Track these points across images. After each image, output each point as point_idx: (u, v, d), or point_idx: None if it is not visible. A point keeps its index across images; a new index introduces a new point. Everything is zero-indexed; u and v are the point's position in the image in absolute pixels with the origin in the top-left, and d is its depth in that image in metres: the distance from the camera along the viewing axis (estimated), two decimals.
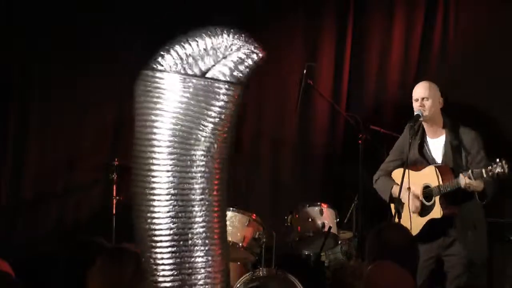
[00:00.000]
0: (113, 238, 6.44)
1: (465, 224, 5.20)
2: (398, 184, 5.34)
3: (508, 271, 6.00)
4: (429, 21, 6.91)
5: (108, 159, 6.76)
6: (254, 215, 6.06)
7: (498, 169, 4.91)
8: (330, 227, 5.96)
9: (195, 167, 4.47)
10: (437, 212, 5.20)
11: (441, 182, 5.16)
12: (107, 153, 6.96)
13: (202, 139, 4.47)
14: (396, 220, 5.13)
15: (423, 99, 5.30)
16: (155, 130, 4.47)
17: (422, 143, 5.37)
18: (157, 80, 4.50)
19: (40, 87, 6.94)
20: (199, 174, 4.48)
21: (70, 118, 6.96)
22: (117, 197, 6.53)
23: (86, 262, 3.78)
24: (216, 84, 4.50)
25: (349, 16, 7.12)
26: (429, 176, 5.24)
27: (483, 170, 4.95)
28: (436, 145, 5.36)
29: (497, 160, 4.93)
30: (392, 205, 5.49)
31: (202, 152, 4.47)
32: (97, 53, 6.91)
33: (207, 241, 4.42)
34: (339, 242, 6.18)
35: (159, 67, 4.52)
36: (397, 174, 5.48)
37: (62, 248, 6.67)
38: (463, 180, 5.01)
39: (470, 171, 5.00)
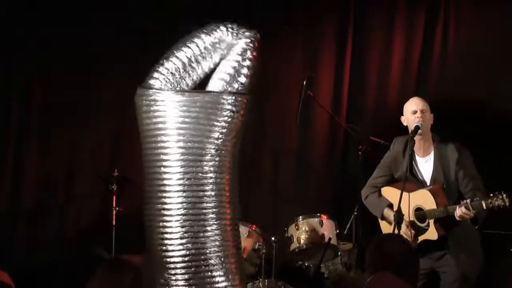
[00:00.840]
0: (112, 249, 6.43)
1: (458, 237, 5.19)
2: (389, 207, 5.36)
3: (508, 284, 5.98)
4: (428, 34, 6.92)
5: (107, 170, 6.76)
6: (254, 226, 6.06)
7: (499, 202, 4.88)
8: (330, 238, 5.96)
9: (206, 186, 4.49)
10: (432, 234, 5.19)
11: (436, 207, 5.15)
12: (107, 164, 6.96)
13: (213, 152, 4.48)
14: (396, 232, 5.11)
15: (422, 111, 5.30)
16: (164, 151, 4.50)
17: (411, 162, 5.34)
18: (158, 100, 4.53)
19: (40, 98, 6.95)
20: (210, 192, 4.50)
21: (69, 129, 6.97)
22: (117, 208, 6.53)
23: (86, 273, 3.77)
24: (223, 96, 4.51)
25: (349, 27, 7.13)
26: (422, 199, 5.22)
27: (483, 203, 4.92)
28: (426, 163, 5.35)
29: (497, 192, 4.90)
30: (382, 222, 5.50)
31: (212, 169, 4.49)
32: (97, 65, 6.92)
33: (222, 259, 4.43)
34: (339, 253, 6.17)
35: (158, 85, 4.54)
36: (386, 193, 5.49)
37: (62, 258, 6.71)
38: (459, 211, 4.99)
39: (468, 201, 4.97)
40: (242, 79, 4.59)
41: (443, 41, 6.88)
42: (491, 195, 4.92)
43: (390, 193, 5.45)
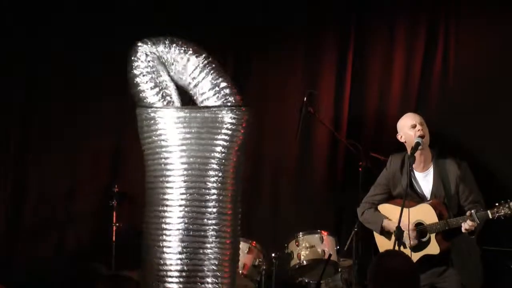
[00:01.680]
0: (112, 265, 6.42)
1: (459, 252, 5.17)
2: (388, 218, 5.35)
3: None
4: (429, 52, 6.94)
5: (107, 186, 6.76)
6: (254, 242, 6.05)
7: (505, 211, 4.87)
8: (330, 255, 5.95)
9: (208, 202, 4.50)
10: (434, 249, 5.17)
11: (437, 220, 5.13)
12: (107, 180, 6.96)
13: (216, 167, 4.49)
14: (396, 248, 5.10)
15: (421, 123, 5.30)
16: (167, 166, 4.53)
17: (410, 178, 5.33)
18: (158, 118, 4.55)
19: (40, 114, 6.96)
20: (212, 209, 4.51)
21: (69, 145, 6.97)
22: (117, 224, 6.53)
23: None
24: (222, 112, 4.53)
25: (349, 44, 7.15)
26: (422, 213, 5.20)
27: (489, 212, 4.91)
28: (425, 179, 5.33)
29: (502, 201, 4.90)
30: (379, 237, 5.48)
31: (215, 185, 4.50)
32: (96, 79, 6.94)
33: (219, 279, 4.45)
34: (339, 270, 6.15)
35: (157, 103, 4.57)
36: (385, 210, 5.48)
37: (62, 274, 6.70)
38: (466, 224, 4.97)
39: (473, 212, 4.96)
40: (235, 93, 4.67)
41: (443, 59, 6.89)
42: (497, 204, 4.92)
43: (389, 210, 5.43)
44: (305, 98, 6.31)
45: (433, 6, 6.96)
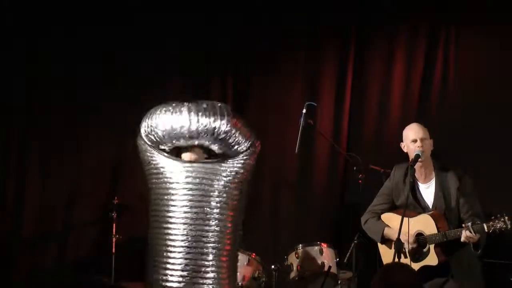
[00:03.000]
0: (112, 277, 6.41)
1: (460, 265, 5.16)
2: (389, 226, 5.35)
3: None
4: (429, 63, 6.96)
5: (107, 198, 6.77)
6: (254, 254, 6.04)
7: (500, 224, 4.87)
8: (329, 267, 5.94)
9: (211, 220, 4.55)
10: (432, 260, 5.17)
11: (436, 231, 5.13)
12: (106, 192, 6.96)
13: (221, 188, 4.53)
14: (396, 260, 5.09)
15: (422, 139, 5.29)
16: (172, 185, 4.58)
17: (414, 188, 5.33)
18: (161, 167, 4.62)
19: (40, 126, 6.96)
20: (215, 227, 4.57)
21: (69, 157, 6.98)
22: (117, 236, 6.52)
23: None
24: (231, 160, 4.62)
25: (349, 55, 7.17)
26: (423, 224, 5.20)
27: (485, 225, 4.91)
28: (428, 190, 5.33)
29: (498, 215, 4.90)
30: (382, 246, 5.48)
31: (219, 205, 4.54)
32: (97, 91, 6.95)
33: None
34: (339, 282, 6.14)
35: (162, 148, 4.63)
36: (387, 219, 5.48)
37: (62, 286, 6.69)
38: (464, 234, 4.98)
39: (469, 224, 4.96)
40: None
41: (443, 72, 6.91)
42: (493, 217, 4.92)
43: (391, 219, 5.43)
44: (304, 110, 6.31)
45: (432, 18, 6.99)
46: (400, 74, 7.03)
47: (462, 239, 5.00)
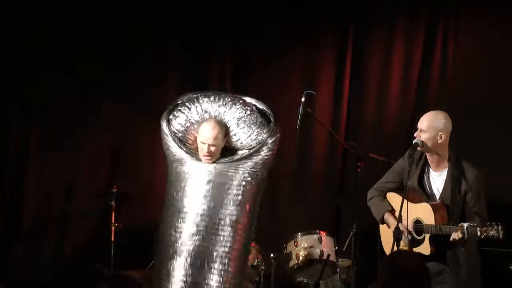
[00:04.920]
0: (111, 265, 6.42)
1: (456, 259, 5.16)
2: (392, 210, 5.34)
3: None
4: (428, 50, 6.96)
5: (106, 186, 6.77)
6: (253, 242, 6.05)
7: (493, 232, 4.88)
8: (328, 255, 5.96)
9: (219, 225, 4.58)
10: (425, 249, 5.16)
11: (434, 223, 5.13)
12: (106, 180, 6.97)
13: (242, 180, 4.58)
14: (395, 248, 5.09)
15: (420, 130, 5.25)
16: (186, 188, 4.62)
17: (423, 174, 5.30)
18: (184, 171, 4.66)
19: (40, 113, 6.96)
20: (225, 221, 4.60)
21: (69, 145, 6.98)
22: (116, 224, 6.52)
23: None
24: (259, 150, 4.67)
25: (348, 45, 7.17)
26: (422, 212, 5.19)
27: (478, 230, 4.90)
28: (438, 178, 5.29)
29: (493, 223, 4.90)
30: (382, 226, 5.48)
31: (234, 197, 4.59)
32: (96, 79, 6.94)
33: None
34: (338, 270, 6.16)
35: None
36: (392, 198, 5.46)
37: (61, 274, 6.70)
38: (455, 234, 4.98)
39: (465, 225, 4.95)
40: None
41: (442, 61, 6.91)
42: (488, 223, 4.92)
43: (395, 201, 5.40)
44: (303, 99, 6.30)
45: (431, 10, 6.99)
46: (398, 63, 7.04)
47: (452, 238, 5.01)
